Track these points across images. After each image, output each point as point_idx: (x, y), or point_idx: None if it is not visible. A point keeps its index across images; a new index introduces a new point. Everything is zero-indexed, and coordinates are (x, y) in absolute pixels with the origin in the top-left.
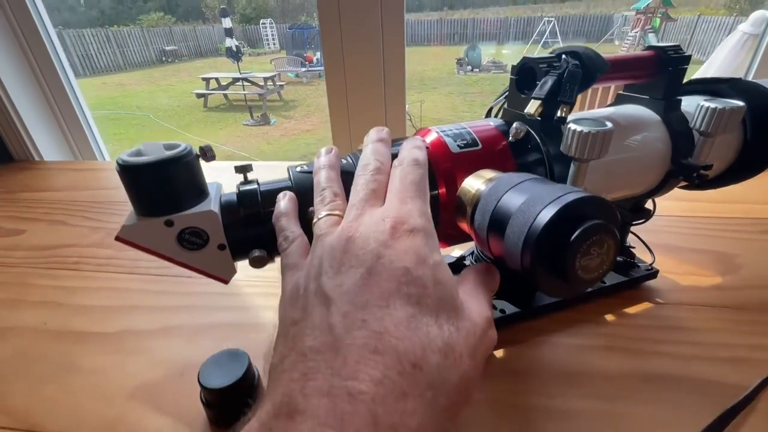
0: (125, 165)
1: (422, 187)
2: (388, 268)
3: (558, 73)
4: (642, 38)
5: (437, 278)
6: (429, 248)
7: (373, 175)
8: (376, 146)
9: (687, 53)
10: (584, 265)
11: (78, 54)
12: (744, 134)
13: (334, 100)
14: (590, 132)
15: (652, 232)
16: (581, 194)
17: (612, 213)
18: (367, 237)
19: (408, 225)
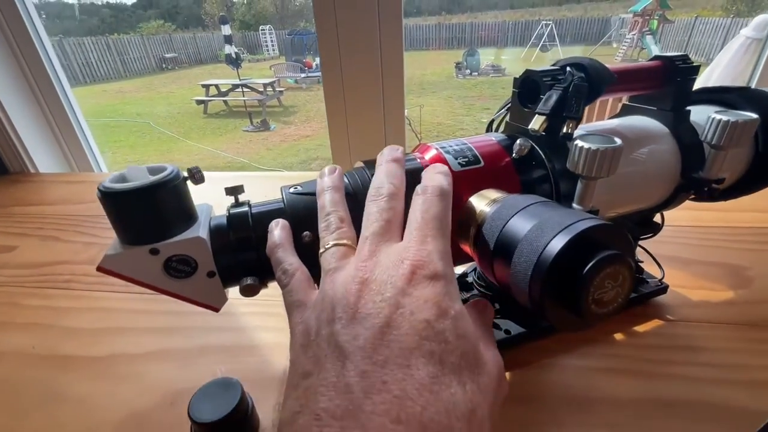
0: (107, 191)
1: (445, 224)
2: (409, 320)
3: (563, 87)
4: (639, 40)
5: (459, 331)
6: (450, 297)
7: (388, 203)
8: (390, 167)
9: (695, 63)
10: (598, 298)
11: (78, 62)
12: (756, 145)
13: (332, 107)
14: (599, 149)
15: (660, 244)
16: (594, 222)
17: (627, 242)
18: (384, 282)
19: (428, 270)
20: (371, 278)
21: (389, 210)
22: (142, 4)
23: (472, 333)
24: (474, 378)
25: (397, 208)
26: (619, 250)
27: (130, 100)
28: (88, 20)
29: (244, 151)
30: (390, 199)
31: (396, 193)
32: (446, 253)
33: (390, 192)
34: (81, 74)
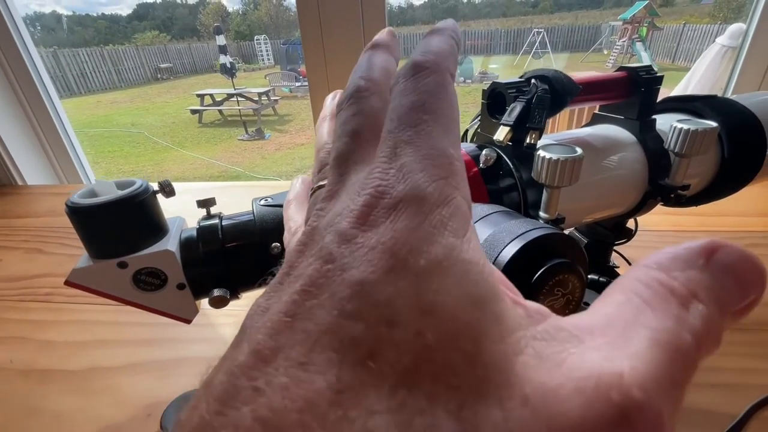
0: (74, 207)
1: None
2: (334, 282)
3: (527, 99)
4: (630, 47)
5: (432, 299)
6: (426, 233)
7: (352, 106)
8: (364, 58)
9: (659, 73)
10: (548, 306)
11: (73, 73)
12: (722, 152)
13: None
14: (559, 159)
15: (640, 249)
16: (546, 231)
17: (579, 251)
18: (327, 225)
19: (391, 196)
20: (319, 225)
21: (354, 116)
22: (137, 15)
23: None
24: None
25: (366, 110)
26: (570, 259)
27: (124, 111)
28: (83, 31)
29: (239, 160)
30: (356, 100)
31: (365, 89)
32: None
33: (354, 90)
34: (76, 85)
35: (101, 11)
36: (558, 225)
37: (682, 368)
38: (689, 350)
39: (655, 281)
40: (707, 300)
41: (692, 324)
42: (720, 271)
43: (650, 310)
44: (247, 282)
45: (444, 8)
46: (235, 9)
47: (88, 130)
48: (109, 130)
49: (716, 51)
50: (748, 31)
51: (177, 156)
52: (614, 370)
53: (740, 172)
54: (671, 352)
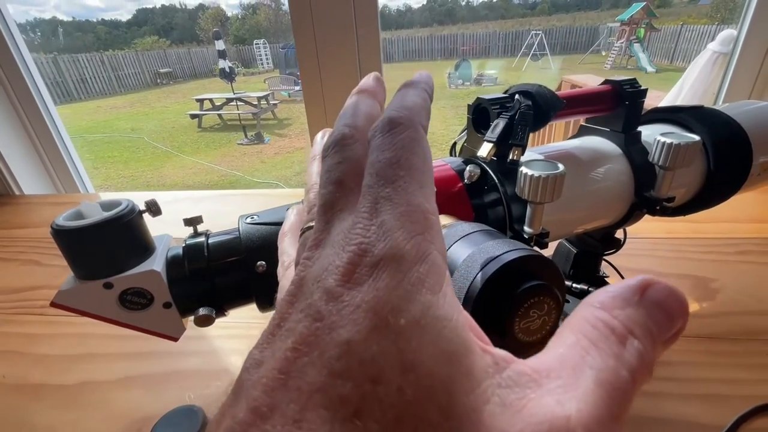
0: (59, 230)
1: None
2: (323, 341)
3: (510, 115)
4: (628, 48)
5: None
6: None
7: (336, 155)
8: (354, 103)
9: (643, 87)
10: (525, 327)
11: (73, 79)
12: (708, 163)
13: (313, 120)
14: (541, 176)
15: (633, 257)
16: (523, 253)
17: (555, 272)
18: (315, 279)
19: (373, 255)
20: (307, 276)
21: (339, 164)
22: (137, 21)
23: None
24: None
25: (350, 158)
26: (546, 281)
27: (124, 116)
28: (83, 37)
29: (239, 165)
30: (340, 148)
31: (349, 136)
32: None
33: (338, 138)
34: (76, 91)
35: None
36: (542, 239)
37: (620, 403)
38: (626, 386)
39: (599, 321)
40: (641, 335)
41: (629, 360)
42: (652, 307)
43: (595, 350)
44: (232, 299)
45: (442, 11)
46: (234, 14)
47: (87, 135)
48: (108, 135)
49: (708, 57)
50: (738, 37)
51: (176, 161)
52: (564, 414)
53: (726, 183)
54: (611, 390)
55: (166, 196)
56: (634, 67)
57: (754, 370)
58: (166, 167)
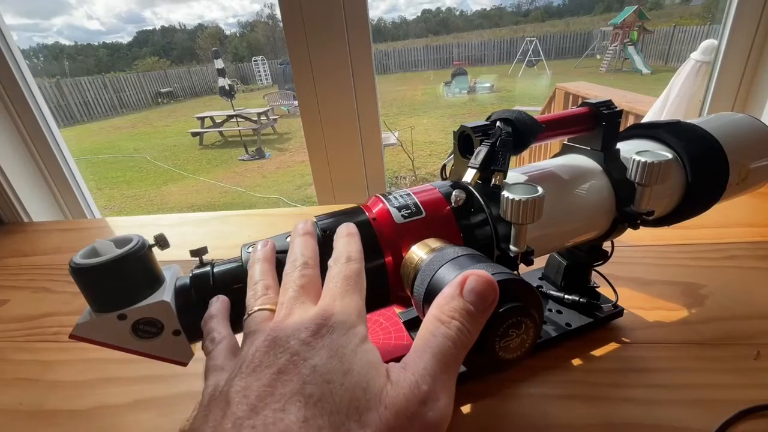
0: (77, 267)
1: (354, 281)
2: (298, 366)
3: (491, 142)
4: (622, 51)
5: (348, 367)
6: (348, 338)
7: (301, 271)
8: (303, 240)
9: (618, 108)
10: (504, 346)
11: (76, 102)
12: (687, 176)
13: (310, 135)
14: (521, 200)
15: (623, 265)
16: (503, 276)
17: (533, 294)
18: (289, 336)
19: (332, 320)
20: (280, 336)
21: (302, 277)
22: (137, 42)
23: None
24: (364, 417)
25: (311, 276)
26: (524, 302)
27: (126, 136)
28: (85, 60)
29: (241, 180)
30: (303, 268)
31: (308, 263)
32: (356, 307)
33: (303, 262)
34: (79, 113)
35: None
36: (528, 257)
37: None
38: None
39: (434, 317)
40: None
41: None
42: (469, 294)
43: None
44: (236, 327)
45: (436, 21)
46: (233, 32)
47: (91, 157)
48: (111, 156)
49: (691, 66)
50: (719, 47)
51: (179, 179)
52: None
53: (705, 194)
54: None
55: (171, 218)
56: (630, 69)
57: (742, 375)
58: (169, 186)
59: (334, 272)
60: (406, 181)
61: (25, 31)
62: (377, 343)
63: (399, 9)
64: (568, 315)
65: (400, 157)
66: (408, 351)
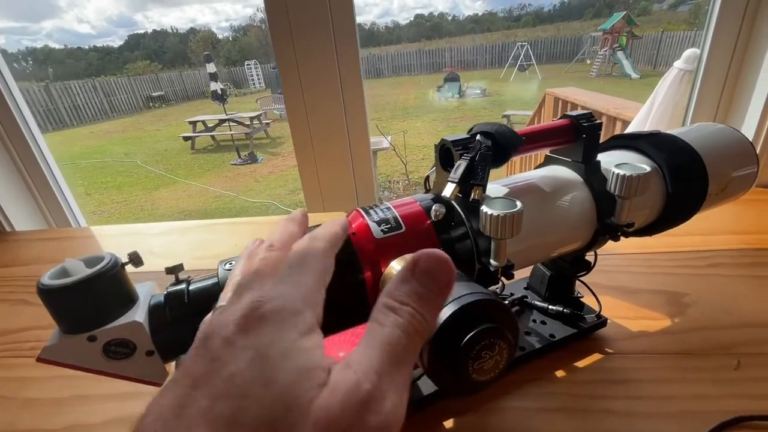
0: (44, 289)
1: (309, 260)
2: (213, 377)
3: (471, 156)
4: (611, 56)
5: (271, 376)
6: (282, 333)
7: (263, 254)
8: (281, 225)
9: (598, 121)
10: (478, 368)
11: (65, 105)
12: (667, 186)
13: (299, 141)
14: (499, 215)
15: (609, 274)
16: (478, 297)
17: (507, 315)
18: (216, 333)
19: (264, 309)
20: (209, 334)
21: (260, 261)
22: (129, 46)
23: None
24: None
25: (271, 258)
26: (498, 323)
27: (117, 140)
28: (75, 64)
29: (233, 185)
30: (265, 251)
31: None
32: (304, 291)
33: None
34: (68, 118)
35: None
36: (508, 271)
37: (398, 353)
38: (400, 340)
39: (382, 305)
40: (413, 301)
41: (401, 323)
42: (421, 276)
43: (379, 326)
44: None
45: (429, 26)
46: (225, 36)
47: (81, 161)
48: (101, 160)
49: (674, 75)
50: (701, 56)
51: (170, 183)
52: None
53: (685, 205)
54: (387, 346)
55: (157, 227)
56: (619, 74)
57: (722, 385)
58: (160, 191)
59: (290, 253)
60: (399, 185)
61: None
62: None
63: (392, 13)
64: (552, 326)
65: (393, 161)
66: None
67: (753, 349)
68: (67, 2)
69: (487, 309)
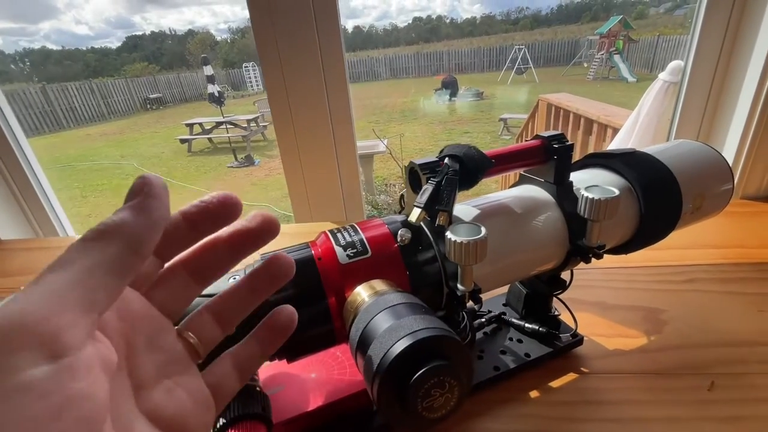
0: None
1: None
2: None
3: (437, 181)
4: (608, 60)
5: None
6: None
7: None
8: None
9: (569, 143)
10: (427, 405)
11: (62, 107)
12: (640, 206)
13: (285, 149)
14: (463, 242)
15: (587, 289)
16: (432, 332)
17: (461, 352)
18: None
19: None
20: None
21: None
22: (126, 47)
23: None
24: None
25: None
26: (451, 360)
27: (114, 142)
28: (72, 66)
29: (230, 188)
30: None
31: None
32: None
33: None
34: (65, 119)
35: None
36: (476, 294)
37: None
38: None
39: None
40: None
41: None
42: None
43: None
44: None
45: (427, 29)
46: (223, 38)
47: (77, 164)
48: (98, 162)
49: (659, 86)
50: (685, 68)
51: None
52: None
53: (658, 224)
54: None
55: None
56: (616, 77)
57: (695, 407)
58: None
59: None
60: (396, 188)
61: (10, 35)
62: (330, 378)
63: (390, 16)
64: (528, 344)
65: (390, 164)
66: (362, 387)
67: (727, 369)
68: (65, 3)
69: (442, 346)
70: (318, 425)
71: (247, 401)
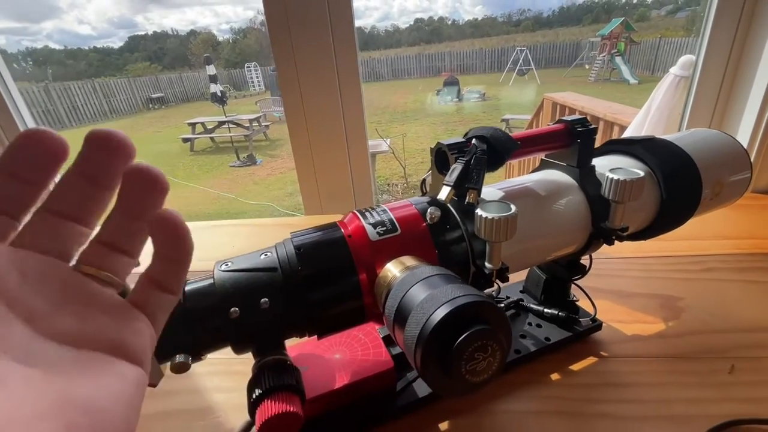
0: None
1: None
2: None
3: (466, 160)
4: (610, 61)
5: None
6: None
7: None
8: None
9: (592, 126)
10: (471, 369)
11: (64, 106)
12: (661, 191)
13: (297, 144)
14: (494, 219)
15: (605, 278)
16: (471, 299)
17: (500, 317)
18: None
19: None
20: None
21: None
22: (129, 47)
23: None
24: None
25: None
26: (492, 325)
27: None
28: (75, 65)
29: (232, 187)
30: None
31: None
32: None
33: None
34: (67, 118)
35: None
36: (503, 273)
37: None
38: None
39: None
40: None
41: None
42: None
43: None
44: (208, 345)
45: (428, 30)
46: (226, 38)
47: None
48: None
49: (670, 81)
50: (697, 62)
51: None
52: None
53: (679, 209)
54: None
55: None
56: (618, 79)
57: (716, 389)
58: None
59: None
60: (398, 188)
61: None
62: (354, 359)
63: (392, 18)
64: (548, 329)
65: (392, 164)
66: (386, 367)
67: (747, 353)
68: (68, 3)
69: (481, 311)
70: (344, 403)
71: (281, 373)
